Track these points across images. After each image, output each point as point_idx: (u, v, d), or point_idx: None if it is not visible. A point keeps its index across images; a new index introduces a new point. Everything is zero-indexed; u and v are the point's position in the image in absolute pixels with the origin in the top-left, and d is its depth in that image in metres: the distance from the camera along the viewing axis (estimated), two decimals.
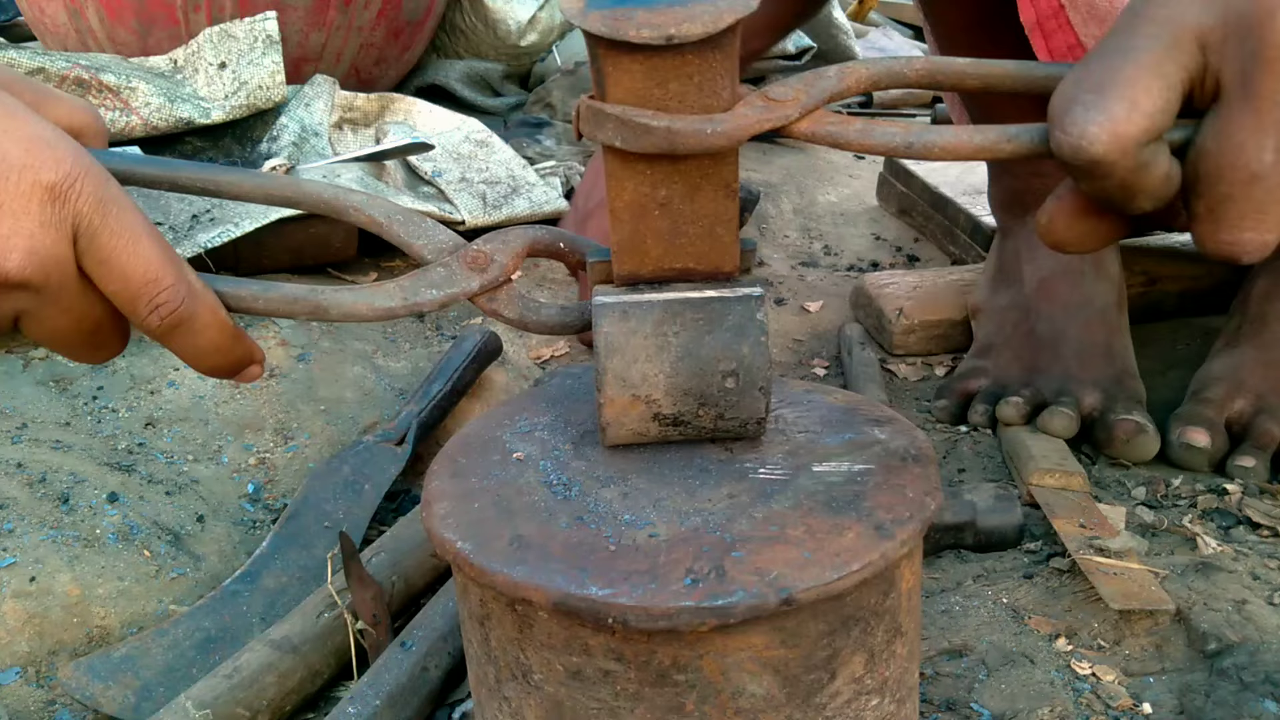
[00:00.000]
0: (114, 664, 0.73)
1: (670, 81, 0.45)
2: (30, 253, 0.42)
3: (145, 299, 0.45)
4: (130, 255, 0.44)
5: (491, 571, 0.46)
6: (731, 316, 0.50)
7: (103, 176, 0.44)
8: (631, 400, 0.51)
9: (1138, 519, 0.91)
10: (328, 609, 0.75)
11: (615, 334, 0.50)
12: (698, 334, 0.50)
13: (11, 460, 0.87)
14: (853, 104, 2.22)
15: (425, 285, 0.51)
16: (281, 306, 0.50)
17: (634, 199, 0.48)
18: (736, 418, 0.52)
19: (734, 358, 0.50)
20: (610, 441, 0.53)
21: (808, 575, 0.44)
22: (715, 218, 0.49)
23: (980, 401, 1.05)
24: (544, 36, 2.07)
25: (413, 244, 0.52)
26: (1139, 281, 1.23)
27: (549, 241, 0.55)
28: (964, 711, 0.70)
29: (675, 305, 0.50)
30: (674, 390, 0.51)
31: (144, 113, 1.32)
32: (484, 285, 0.52)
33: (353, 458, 0.92)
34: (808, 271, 1.49)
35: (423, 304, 0.51)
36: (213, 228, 1.14)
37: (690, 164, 0.47)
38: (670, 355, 0.50)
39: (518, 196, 1.41)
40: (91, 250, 0.43)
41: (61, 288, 0.44)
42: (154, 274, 0.44)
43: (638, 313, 0.50)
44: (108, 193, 0.43)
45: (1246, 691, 0.70)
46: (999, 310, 1.13)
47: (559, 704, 0.48)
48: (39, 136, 0.42)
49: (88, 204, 0.43)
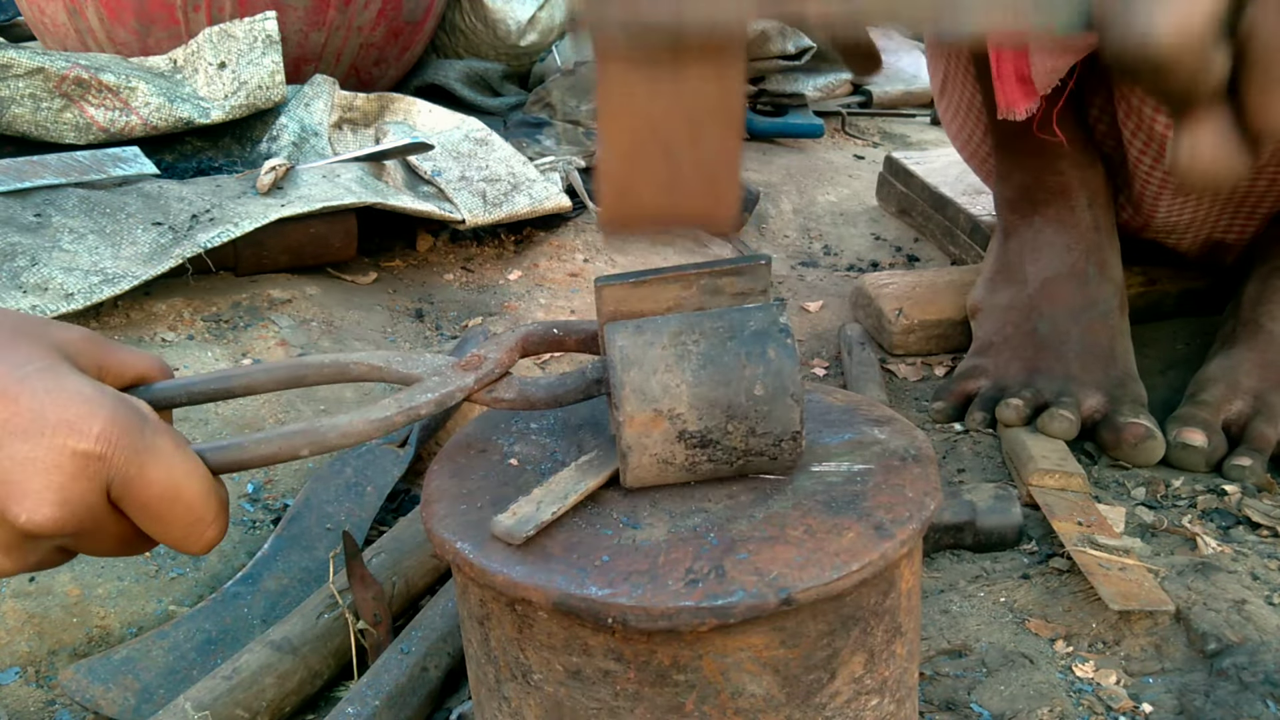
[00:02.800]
0: (114, 666, 0.73)
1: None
2: (61, 504, 0.44)
3: (192, 538, 0.47)
4: (171, 504, 0.46)
5: (491, 571, 0.46)
6: (753, 322, 0.48)
7: (138, 430, 0.45)
8: (654, 416, 0.47)
9: (1138, 519, 0.91)
10: (328, 609, 0.75)
11: (630, 346, 0.48)
12: (719, 340, 0.48)
13: None
14: (852, 104, 2.22)
15: (421, 392, 0.51)
16: (284, 449, 0.50)
17: (630, 127, 0.44)
18: (769, 432, 0.48)
19: (760, 361, 0.47)
20: (632, 477, 0.49)
21: (807, 575, 0.44)
22: (718, 159, 0.45)
23: (978, 408, 1.05)
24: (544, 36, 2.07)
25: (412, 373, 0.53)
26: (1139, 281, 1.23)
27: (541, 334, 0.55)
28: (964, 711, 0.70)
29: (693, 317, 0.49)
30: (699, 401, 0.47)
31: (144, 112, 1.32)
32: (480, 380, 0.52)
33: (355, 460, 0.92)
34: (807, 271, 1.49)
35: (419, 408, 0.51)
36: (212, 227, 1.14)
37: (694, 83, 0.43)
38: (692, 364, 0.47)
39: (518, 193, 1.41)
40: (127, 499, 0.46)
41: (96, 529, 0.46)
42: (195, 516, 0.47)
43: (653, 326, 0.48)
44: (144, 444, 0.45)
45: (1246, 692, 0.70)
46: (999, 309, 1.13)
47: (559, 704, 0.48)
48: (78, 394, 0.44)
49: (122, 459, 0.45)
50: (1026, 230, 1.13)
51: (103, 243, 1.11)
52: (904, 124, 2.24)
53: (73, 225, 1.13)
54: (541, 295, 1.34)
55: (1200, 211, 1.09)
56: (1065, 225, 1.11)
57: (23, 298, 1.01)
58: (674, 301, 0.50)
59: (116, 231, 1.14)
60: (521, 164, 1.48)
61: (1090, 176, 1.11)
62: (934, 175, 1.59)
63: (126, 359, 0.52)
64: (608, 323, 0.50)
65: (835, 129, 2.13)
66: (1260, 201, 1.07)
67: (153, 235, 1.13)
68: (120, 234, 1.14)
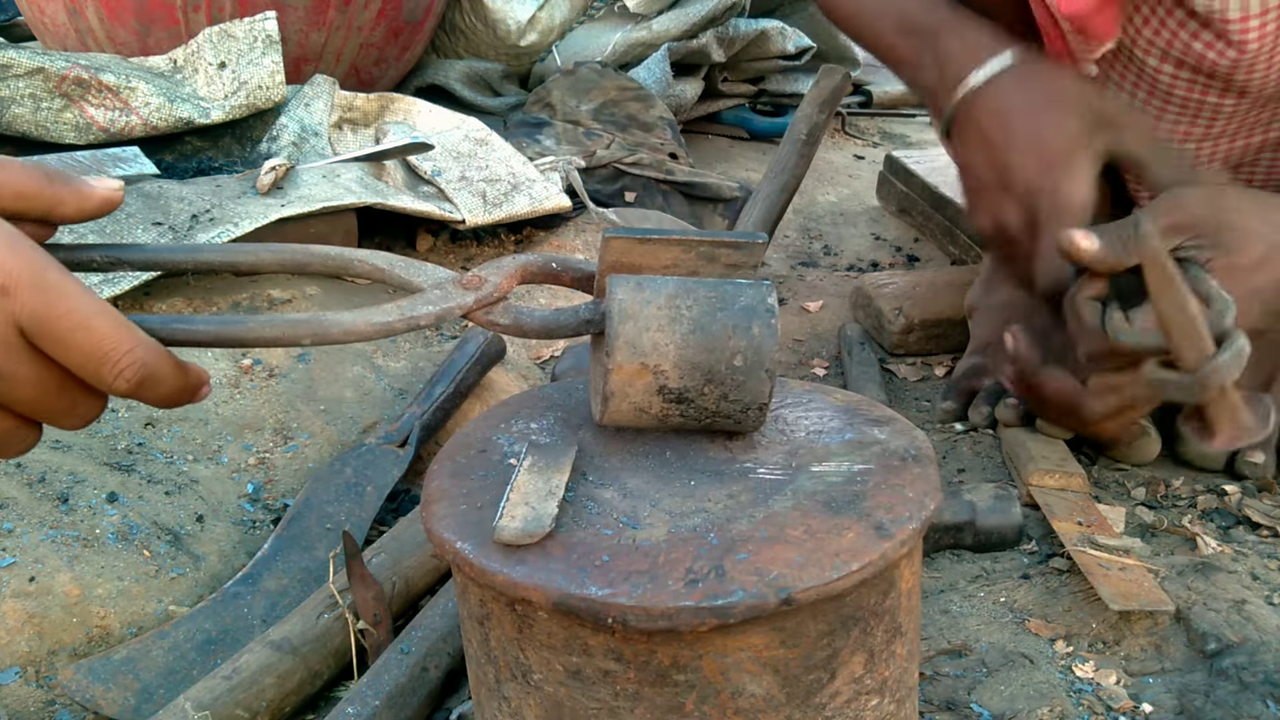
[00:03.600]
0: (114, 666, 0.73)
1: None
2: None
3: (108, 368, 0.48)
4: (84, 334, 0.47)
5: (491, 571, 0.46)
6: (743, 298, 0.51)
7: (39, 269, 0.46)
8: (640, 369, 0.51)
9: (1138, 519, 0.91)
10: (328, 609, 0.75)
11: (629, 301, 0.51)
12: (710, 309, 0.51)
13: (11, 460, 0.87)
14: (852, 104, 2.22)
15: (422, 303, 0.53)
16: (286, 334, 0.51)
17: None
18: (740, 400, 0.52)
19: (744, 335, 0.50)
20: (609, 418, 0.52)
21: (807, 575, 0.44)
22: None
23: (983, 402, 1.05)
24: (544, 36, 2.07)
25: (413, 281, 0.55)
26: None
27: (540, 265, 0.57)
28: (964, 711, 0.70)
29: (689, 283, 0.51)
30: (683, 363, 0.51)
31: (144, 112, 1.32)
32: (479, 301, 0.53)
33: (355, 460, 0.92)
34: (807, 271, 1.49)
35: (419, 318, 0.52)
36: (212, 227, 1.14)
37: None
38: (682, 327, 0.50)
39: (518, 193, 1.41)
40: (42, 335, 0.46)
41: (14, 370, 0.47)
42: (110, 345, 0.47)
43: (652, 285, 0.51)
44: (47, 281, 0.46)
45: (1246, 691, 0.70)
46: (996, 309, 1.13)
47: (559, 704, 0.48)
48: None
49: (27, 293, 0.45)
50: None
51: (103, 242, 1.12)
52: (904, 124, 2.25)
53: (72, 225, 1.13)
54: (542, 295, 1.34)
55: None
56: None
57: None
58: (671, 261, 0.53)
59: (116, 231, 1.14)
60: (521, 164, 1.48)
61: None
62: (934, 175, 1.59)
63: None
64: (611, 273, 0.52)
65: (835, 129, 2.13)
66: None
67: (153, 235, 1.14)
68: (120, 234, 1.14)
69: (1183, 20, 0.88)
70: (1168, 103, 0.95)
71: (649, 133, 1.70)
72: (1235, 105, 0.92)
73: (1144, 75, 0.94)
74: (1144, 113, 0.97)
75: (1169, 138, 0.98)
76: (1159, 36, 0.90)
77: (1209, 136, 0.97)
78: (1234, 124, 0.95)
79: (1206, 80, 0.91)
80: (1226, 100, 0.92)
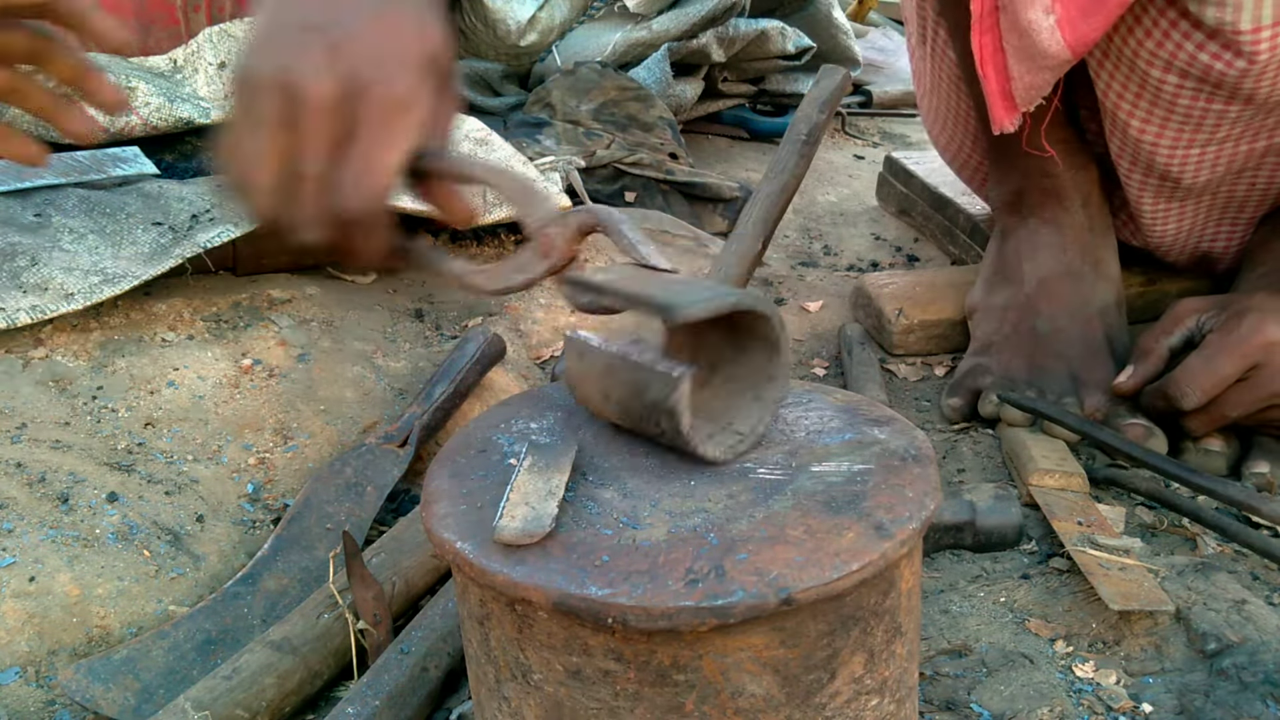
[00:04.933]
0: (114, 666, 0.73)
1: None
2: None
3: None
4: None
5: (491, 571, 0.46)
6: (650, 391, 0.51)
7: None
8: (597, 410, 0.56)
9: (1138, 519, 0.91)
10: (328, 609, 0.75)
11: (574, 370, 0.55)
12: (633, 393, 0.52)
13: (11, 460, 0.87)
14: (852, 104, 2.22)
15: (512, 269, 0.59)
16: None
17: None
18: (682, 450, 0.53)
19: (659, 422, 0.52)
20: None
21: (807, 575, 0.44)
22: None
23: (991, 390, 1.06)
24: (544, 36, 2.06)
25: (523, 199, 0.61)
26: (1139, 281, 1.23)
27: (589, 221, 0.60)
28: (964, 711, 0.70)
29: (615, 363, 0.53)
30: (625, 421, 0.54)
31: (144, 113, 1.32)
32: (550, 269, 0.58)
33: (355, 459, 0.92)
34: (807, 271, 1.49)
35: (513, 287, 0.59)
36: (213, 227, 1.14)
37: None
38: (613, 403, 0.54)
39: None
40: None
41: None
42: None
43: (591, 356, 0.54)
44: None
45: (1246, 692, 0.70)
46: (997, 309, 1.13)
47: (559, 704, 0.48)
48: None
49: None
50: (1022, 231, 1.14)
51: (103, 243, 1.11)
52: (904, 124, 2.25)
53: (73, 225, 1.13)
54: (542, 295, 1.34)
55: (1185, 220, 1.10)
56: (1060, 226, 1.12)
57: (23, 297, 1.01)
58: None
59: (116, 231, 1.14)
60: (521, 164, 1.48)
61: (1083, 179, 1.12)
62: (934, 175, 1.59)
63: None
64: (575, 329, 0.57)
65: (835, 129, 2.13)
66: (1243, 207, 1.08)
67: (153, 235, 1.13)
68: (120, 234, 1.14)
69: (1188, 32, 0.88)
70: (1171, 113, 0.95)
71: (649, 133, 1.70)
72: (1240, 111, 0.92)
73: (1146, 86, 0.94)
74: (1146, 124, 0.97)
75: (1172, 145, 0.98)
76: (1162, 49, 0.90)
77: (1213, 142, 0.97)
78: (1238, 129, 0.95)
79: (1212, 89, 0.91)
80: (1232, 107, 0.92)
